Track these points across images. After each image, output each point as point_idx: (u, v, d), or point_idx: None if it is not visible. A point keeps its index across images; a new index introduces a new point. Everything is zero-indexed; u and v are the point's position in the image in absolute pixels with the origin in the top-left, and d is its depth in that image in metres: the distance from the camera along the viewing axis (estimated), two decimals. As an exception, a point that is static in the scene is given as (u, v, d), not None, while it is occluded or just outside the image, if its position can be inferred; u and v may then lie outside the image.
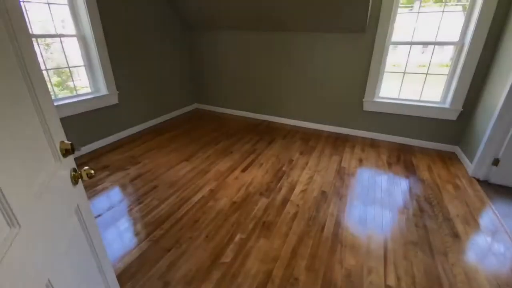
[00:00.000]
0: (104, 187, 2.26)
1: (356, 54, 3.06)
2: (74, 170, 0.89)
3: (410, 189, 2.27)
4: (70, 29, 2.68)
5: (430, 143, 3.07)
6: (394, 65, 3.00)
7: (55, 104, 2.54)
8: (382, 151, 2.98)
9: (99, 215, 1.92)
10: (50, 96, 0.83)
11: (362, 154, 2.88)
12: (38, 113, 0.76)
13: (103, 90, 2.98)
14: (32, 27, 2.42)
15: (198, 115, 4.18)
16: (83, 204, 0.90)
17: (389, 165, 2.67)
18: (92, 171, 0.90)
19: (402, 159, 2.78)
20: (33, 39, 1.77)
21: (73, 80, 2.79)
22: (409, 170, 2.58)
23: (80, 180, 0.91)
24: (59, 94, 2.74)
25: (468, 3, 2.54)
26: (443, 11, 2.68)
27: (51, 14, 2.50)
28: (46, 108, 0.80)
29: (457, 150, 2.93)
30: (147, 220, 1.87)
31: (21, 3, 2.13)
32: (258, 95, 3.94)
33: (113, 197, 2.13)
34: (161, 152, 2.87)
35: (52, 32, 2.58)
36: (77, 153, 2.79)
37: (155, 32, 3.45)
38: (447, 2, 2.66)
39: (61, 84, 2.84)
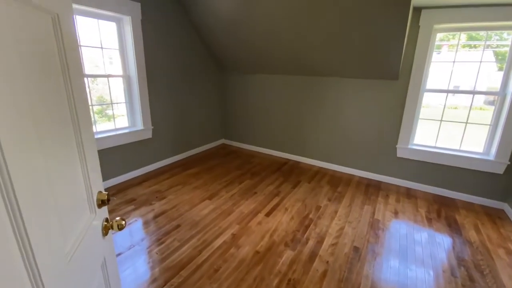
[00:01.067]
0: (128, 222, 2.25)
1: (389, 100, 3.01)
2: (106, 220, 0.88)
3: (456, 252, 1.99)
4: (118, 69, 2.96)
5: (474, 197, 2.77)
6: (424, 106, 2.89)
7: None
8: (420, 203, 2.73)
9: (119, 254, 1.88)
10: (95, 143, 0.84)
11: (398, 205, 2.66)
12: (81, 160, 0.76)
13: (139, 125, 3.15)
14: (84, 66, 2.69)
15: (225, 150, 4.23)
16: (110, 257, 0.87)
17: (429, 220, 2.41)
18: (124, 222, 0.88)
19: (443, 215, 2.51)
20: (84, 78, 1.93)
21: (112, 109, 2.98)
22: (453, 228, 2.30)
23: (110, 230, 0.89)
24: (98, 121, 2.91)
25: (500, 49, 2.45)
26: (480, 61, 2.60)
27: (102, 56, 2.80)
28: (90, 156, 0.81)
29: (506, 207, 2.60)
30: (166, 264, 1.79)
31: (79, 48, 2.40)
32: (285, 134, 3.94)
33: (135, 235, 2.10)
34: (186, 188, 2.87)
35: (101, 71, 2.85)
36: (104, 184, 2.88)
37: (192, 72, 3.71)
38: (476, 47, 2.59)
39: (101, 112, 3.04)
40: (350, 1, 2.31)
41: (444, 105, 2.82)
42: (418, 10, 2.61)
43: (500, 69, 2.54)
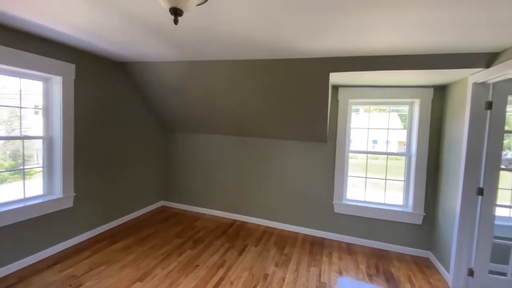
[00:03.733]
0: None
1: (322, 160, 3.32)
2: None
3: (397, 311, 2.04)
4: (38, 130, 2.61)
5: (403, 248, 3.03)
6: (352, 157, 3.29)
7: (-10, 212, 2.16)
8: (360, 259, 2.83)
9: None
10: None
11: (341, 264, 2.70)
12: None
13: (58, 193, 2.68)
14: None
15: (164, 215, 3.84)
16: None
17: (370, 277, 2.49)
18: None
19: (381, 269, 2.63)
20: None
21: (24, 176, 2.50)
22: (391, 283, 2.40)
23: None
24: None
25: (407, 114, 3.08)
26: (388, 128, 3.19)
27: (20, 116, 2.46)
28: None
29: (430, 255, 2.90)
30: None
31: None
32: (231, 193, 3.86)
33: None
34: (110, 269, 2.40)
35: (17, 133, 2.47)
36: (3, 270, 2.21)
37: (131, 132, 3.52)
38: (386, 111, 3.20)
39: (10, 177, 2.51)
40: (282, 81, 2.68)
41: (366, 163, 3.25)
42: (336, 88, 3.15)
43: (405, 127, 3.12)
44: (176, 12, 1.24)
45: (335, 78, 2.68)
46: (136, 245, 2.87)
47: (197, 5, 1.28)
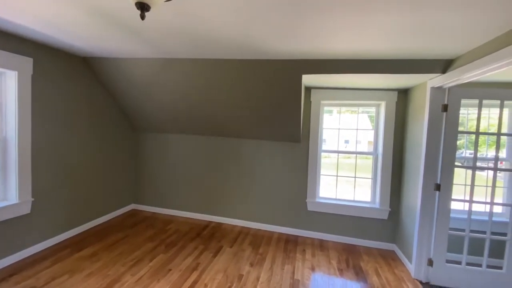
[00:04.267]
0: None
1: (296, 159, 3.39)
2: None
3: (365, 302, 2.15)
4: (-12, 131, 2.37)
5: (371, 242, 3.20)
6: (326, 157, 3.44)
7: None
8: (332, 254, 2.94)
9: None
10: None
11: (314, 260, 2.78)
12: None
13: (13, 198, 2.45)
14: None
15: (135, 218, 3.68)
16: None
17: (341, 271, 2.59)
18: None
19: (351, 264, 2.75)
20: None
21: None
22: (360, 276, 2.52)
23: None
24: None
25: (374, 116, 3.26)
26: (357, 129, 3.35)
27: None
28: None
29: (395, 248, 3.09)
30: None
31: None
32: (206, 194, 3.80)
33: None
34: (75, 278, 2.25)
35: (-39, 134, 2.22)
36: None
37: (97, 131, 3.32)
38: (355, 111, 3.36)
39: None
40: (256, 81, 2.69)
41: (337, 163, 3.38)
42: (309, 89, 3.24)
43: (373, 127, 3.29)
44: (142, 7, 1.20)
45: (308, 79, 2.75)
46: (104, 251, 2.72)
47: (165, 0, 1.25)
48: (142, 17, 1.20)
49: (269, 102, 2.92)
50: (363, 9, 1.44)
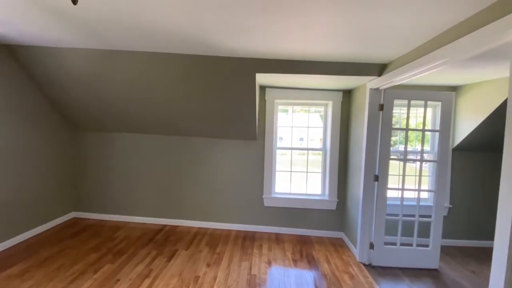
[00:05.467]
0: None
1: (252, 157, 3.44)
2: None
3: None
4: None
5: (322, 232, 3.43)
6: (283, 154, 3.58)
7: None
8: (287, 246, 3.06)
9: None
10: None
11: (270, 254, 2.86)
12: None
13: None
14: None
15: (76, 228, 3.30)
16: None
17: (295, 262, 2.72)
18: None
19: (304, 254, 2.91)
20: None
21: None
22: (312, 265, 2.69)
23: None
24: None
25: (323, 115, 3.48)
26: (308, 127, 3.54)
27: None
28: None
29: (343, 236, 3.37)
30: None
31: None
32: (157, 198, 3.60)
33: None
34: (-2, 303, 1.93)
35: None
36: None
37: (19, 130, 2.88)
38: (309, 110, 3.57)
39: None
40: (210, 78, 2.64)
41: (291, 159, 3.54)
42: (263, 88, 3.31)
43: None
44: (75, -8, 1.07)
45: (262, 78, 2.81)
46: (37, 267, 2.38)
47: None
48: (74, 1, 1.07)
49: (224, 100, 2.89)
50: (308, 13, 1.53)
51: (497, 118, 2.63)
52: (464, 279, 2.55)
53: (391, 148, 2.70)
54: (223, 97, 2.85)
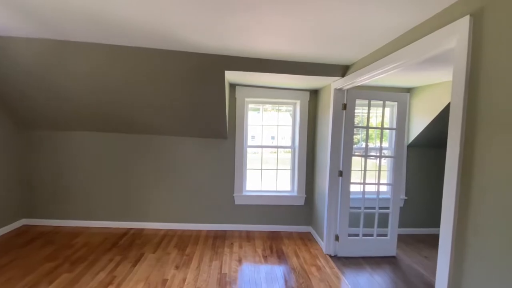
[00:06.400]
0: None
1: (223, 155, 3.41)
2: None
3: (286, 282, 2.35)
4: None
5: (292, 227, 3.53)
6: (255, 153, 3.62)
7: None
8: (257, 243, 3.10)
9: None
10: None
11: (241, 252, 2.87)
12: None
13: None
14: None
15: (27, 236, 2.99)
16: None
17: (265, 258, 2.77)
18: None
19: (274, 250, 2.97)
20: None
21: None
22: (282, 259, 2.75)
23: None
24: None
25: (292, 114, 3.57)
26: (277, 125, 3.61)
27: None
28: None
29: (311, 230, 3.50)
30: None
31: None
32: (121, 200, 3.41)
33: None
34: None
35: None
36: None
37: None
38: (280, 110, 3.63)
39: None
40: (177, 74, 2.55)
41: (261, 157, 3.58)
42: (233, 86, 3.29)
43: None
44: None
45: (231, 76, 2.79)
46: (-23, 284, 2.12)
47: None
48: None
49: (192, 98, 2.82)
50: (271, 14, 1.55)
51: (445, 117, 2.92)
52: (418, 263, 2.81)
53: (355, 145, 2.86)
54: (191, 94, 2.78)
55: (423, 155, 3.50)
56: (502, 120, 1.06)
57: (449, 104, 2.80)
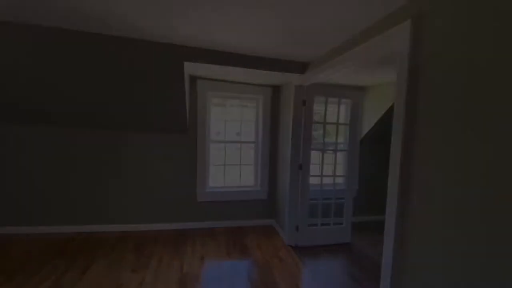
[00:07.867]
0: None
1: (183, 151, 3.28)
2: None
3: (250, 276, 2.38)
4: None
5: (255, 221, 3.57)
6: (221, 149, 3.56)
7: None
8: (221, 240, 3.08)
9: None
10: None
11: (203, 250, 2.81)
12: None
13: None
14: None
15: None
16: None
17: (229, 254, 2.76)
18: None
19: (238, 245, 2.98)
20: None
21: None
22: (245, 254, 2.78)
23: None
24: None
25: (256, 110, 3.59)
26: (241, 120, 3.60)
27: None
28: None
29: (273, 223, 3.59)
30: None
31: None
32: (69, 202, 3.07)
33: None
34: None
35: None
36: None
37: None
38: (247, 106, 3.62)
39: None
40: (132, 64, 2.37)
41: (225, 153, 3.54)
42: (194, 79, 3.18)
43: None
44: None
45: (192, 68, 2.68)
46: None
47: None
48: None
49: (148, 89, 2.65)
50: (233, 8, 1.52)
51: (391, 115, 3.21)
52: (369, 248, 3.07)
53: (315, 140, 2.99)
54: (147, 86, 2.61)
55: (374, 149, 3.82)
56: (439, 117, 1.20)
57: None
